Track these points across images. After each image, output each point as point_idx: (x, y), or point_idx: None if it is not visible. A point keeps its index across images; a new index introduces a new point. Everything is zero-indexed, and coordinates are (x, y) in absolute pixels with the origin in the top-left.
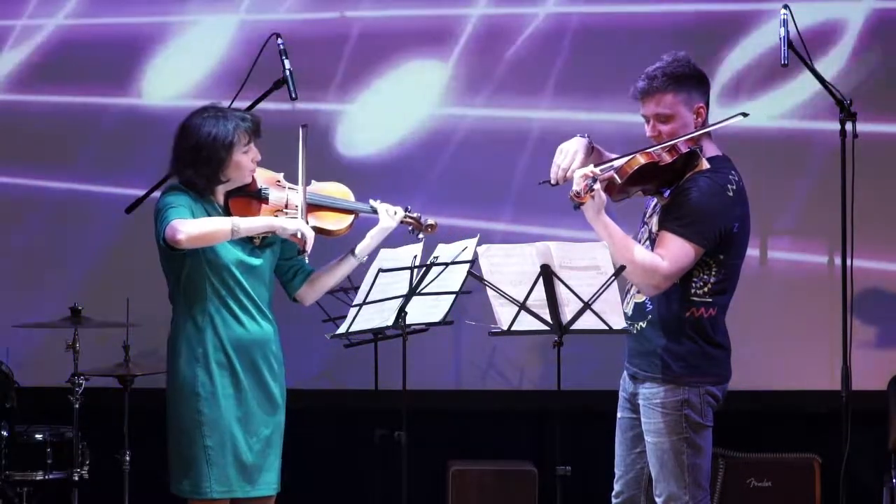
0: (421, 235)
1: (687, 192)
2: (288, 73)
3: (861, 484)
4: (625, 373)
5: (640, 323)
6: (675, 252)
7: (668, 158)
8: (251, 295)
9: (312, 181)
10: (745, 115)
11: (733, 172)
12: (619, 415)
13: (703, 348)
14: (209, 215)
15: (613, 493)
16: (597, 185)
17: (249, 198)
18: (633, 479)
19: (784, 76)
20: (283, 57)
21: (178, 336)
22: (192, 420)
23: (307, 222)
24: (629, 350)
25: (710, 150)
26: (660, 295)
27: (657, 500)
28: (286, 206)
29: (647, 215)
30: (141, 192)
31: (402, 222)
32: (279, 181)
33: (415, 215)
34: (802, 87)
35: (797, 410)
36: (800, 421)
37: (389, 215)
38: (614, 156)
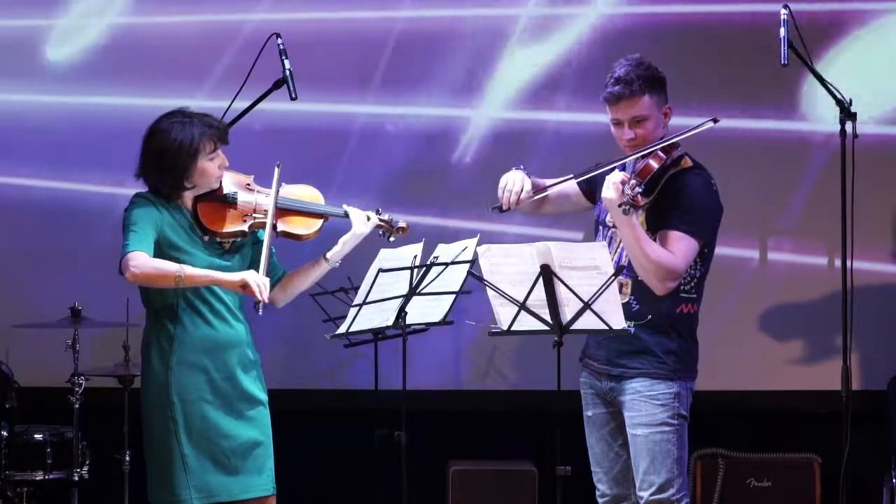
0: (392, 238)
1: (683, 190)
2: (288, 73)
3: (861, 484)
4: (585, 371)
5: (628, 323)
6: (684, 250)
7: (664, 157)
8: (222, 298)
9: (283, 184)
10: (715, 120)
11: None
12: (589, 413)
13: (688, 344)
14: (176, 222)
15: (598, 494)
16: (638, 188)
17: (218, 202)
18: (619, 474)
19: (784, 76)
20: (283, 57)
21: (150, 342)
22: (166, 428)
23: (275, 228)
24: (611, 351)
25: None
26: (650, 293)
27: (643, 493)
28: (255, 210)
29: (612, 218)
30: None
31: None
32: (249, 184)
33: (386, 217)
34: (802, 87)
35: (797, 410)
36: (800, 421)
37: (362, 221)
38: (550, 181)
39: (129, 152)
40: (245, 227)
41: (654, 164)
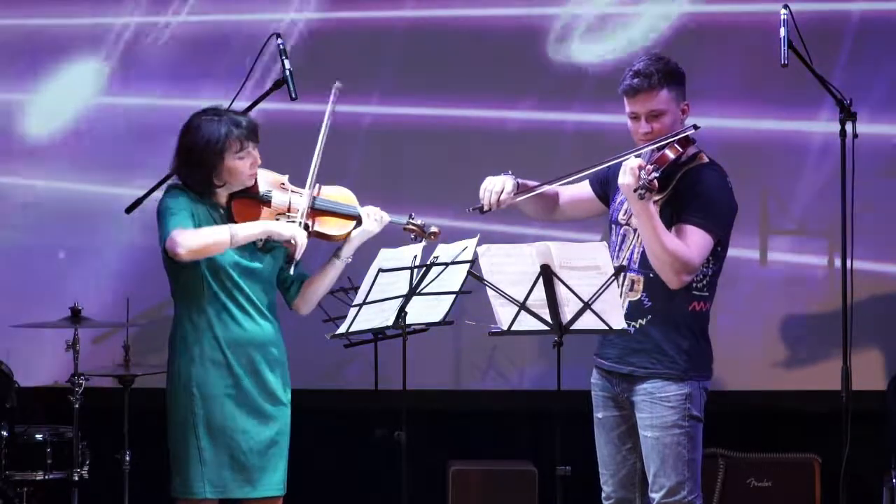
0: (424, 242)
1: (700, 185)
2: (288, 73)
3: (861, 484)
4: (596, 372)
5: (640, 320)
6: (699, 244)
7: (681, 150)
8: (250, 297)
9: (317, 185)
10: (696, 127)
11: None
12: (599, 415)
13: (701, 343)
14: (210, 217)
15: (604, 496)
16: (655, 173)
17: (252, 200)
18: (625, 477)
19: (784, 76)
20: (283, 57)
21: (177, 335)
22: (186, 420)
23: (309, 225)
24: (622, 349)
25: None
26: (662, 290)
27: (654, 495)
28: (289, 210)
29: (625, 215)
30: (140, 193)
31: (404, 229)
32: (283, 184)
33: (418, 222)
34: (802, 87)
35: (797, 410)
36: (800, 421)
37: (373, 219)
38: (534, 183)
39: (130, 152)
40: None
41: (671, 155)
